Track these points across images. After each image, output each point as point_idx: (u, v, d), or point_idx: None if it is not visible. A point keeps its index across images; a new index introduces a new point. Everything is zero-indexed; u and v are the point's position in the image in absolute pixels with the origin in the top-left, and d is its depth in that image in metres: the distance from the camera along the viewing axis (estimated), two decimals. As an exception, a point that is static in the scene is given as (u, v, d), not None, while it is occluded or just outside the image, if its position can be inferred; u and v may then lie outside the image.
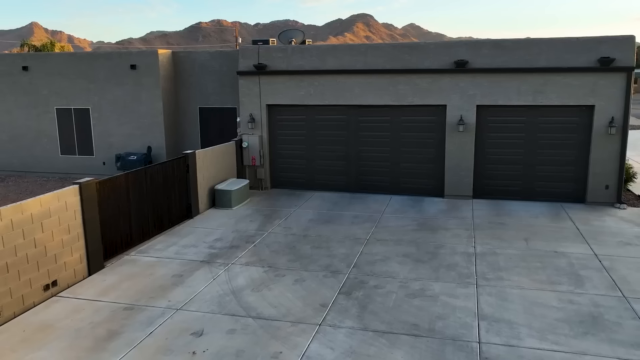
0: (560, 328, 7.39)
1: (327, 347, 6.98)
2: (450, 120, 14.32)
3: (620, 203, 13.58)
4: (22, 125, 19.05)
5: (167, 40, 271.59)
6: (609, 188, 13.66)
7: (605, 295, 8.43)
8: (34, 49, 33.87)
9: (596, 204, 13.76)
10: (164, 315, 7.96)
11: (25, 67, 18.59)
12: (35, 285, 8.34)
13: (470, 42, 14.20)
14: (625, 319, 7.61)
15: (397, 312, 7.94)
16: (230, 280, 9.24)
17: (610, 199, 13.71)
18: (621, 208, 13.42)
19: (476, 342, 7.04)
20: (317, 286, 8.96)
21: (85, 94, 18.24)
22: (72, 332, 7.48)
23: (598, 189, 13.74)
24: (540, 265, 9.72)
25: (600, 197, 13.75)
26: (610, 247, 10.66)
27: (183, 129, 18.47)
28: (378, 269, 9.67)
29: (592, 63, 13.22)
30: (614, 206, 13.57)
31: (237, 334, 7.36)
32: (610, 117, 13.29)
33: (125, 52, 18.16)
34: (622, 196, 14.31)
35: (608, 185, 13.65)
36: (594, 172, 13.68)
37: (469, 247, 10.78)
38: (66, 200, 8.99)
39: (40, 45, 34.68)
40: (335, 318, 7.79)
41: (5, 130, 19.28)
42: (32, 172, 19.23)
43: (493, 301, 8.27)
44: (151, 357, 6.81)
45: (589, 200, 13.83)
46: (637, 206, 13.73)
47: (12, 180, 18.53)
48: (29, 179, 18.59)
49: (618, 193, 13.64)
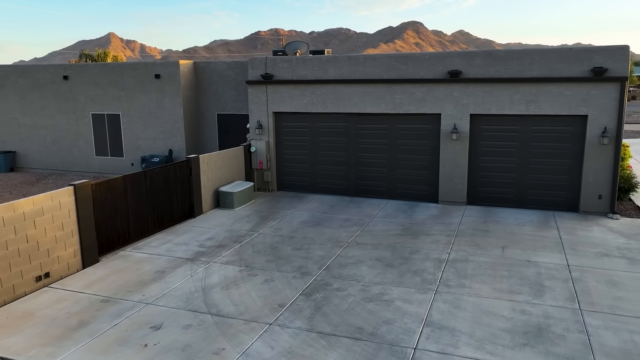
0: (502, 338, 7.10)
1: (268, 346, 7.00)
2: (444, 128, 13.99)
3: (614, 213, 12.86)
4: (63, 128, 20.03)
5: (229, 48, 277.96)
6: (602, 198, 12.96)
7: (561, 307, 8.03)
8: (90, 59, 35.50)
9: (589, 213, 13.08)
10: (133, 308, 8.20)
11: (65, 76, 19.53)
12: (26, 276, 8.78)
13: (464, 52, 13.81)
14: (571, 332, 7.22)
15: (348, 315, 7.85)
16: (205, 278, 9.41)
17: (604, 208, 13.00)
18: (614, 218, 12.70)
19: (412, 349, 6.87)
20: (283, 287, 8.98)
21: (116, 101, 18.98)
22: (48, 320, 7.83)
23: (591, 199, 13.06)
24: (507, 274, 9.35)
25: (593, 207, 13.07)
26: (586, 258, 10.12)
27: (203, 133, 18.88)
28: (347, 272, 9.59)
29: (585, 73, 12.58)
30: (607, 216, 12.87)
31: (191, 330, 7.49)
32: (603, 127, 12.60)
33: (151, 63, 18.75)
34: (620, 206, 13.60)
35: (601, 195, 12.96)
36: (587, 182, 13.02)
37: (444, 253, 10.50)
38: (60, 200, 9.41)
39: (95, 55, 36.27)
40: (287, 318, 7.79)
41: (49, 132, 20.32)
42: (71, 171, 20.18)
43: (445, 308, 8.04)
44: (107, 347, 7.04)
45: (582, 210, 13.17)
46: (633, 217, 12.95)
47: (52, 178, 19.51)
48: (68, 177, 19.49)
49: (611, 203, 12.91)
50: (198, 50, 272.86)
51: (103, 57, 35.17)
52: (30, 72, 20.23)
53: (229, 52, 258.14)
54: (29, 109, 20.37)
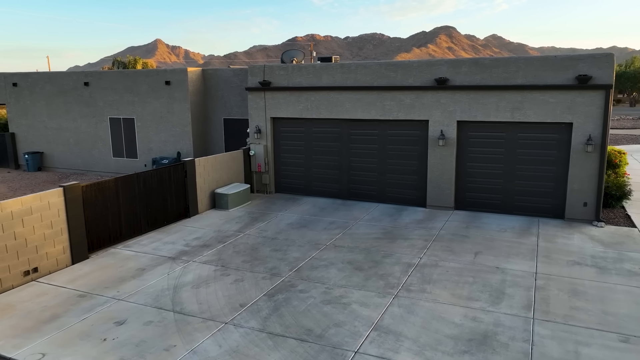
0: (444, 345, 6.94)
1: (217, 345, 7.05)
2: (432, 134, 13.76)
3: (598, 221, 12.37)
4: (84, 131, 20.68)
5: (267, 53, 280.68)
6: (587, 205, 12.48)
7: (514, 315, 7.79)
8: (122, 65, 36.48)
9: (574, 220, 12.63)
10: (105, 304, 8.41)
11: (86, 82, 20.16)
12: (14, 271, 9.12)
13: (451, 60, 13.53)
14: (516, 341, 7.00)
15: (302, 317, 7.83)
16: (180, 276, 9.55)
17: (589, 216, 12.52)
18: (598, 226, 12.22)
19: (353, 352, 6.80)
20: (250, 287, 9.03)
21: (131, 106, 19.46)
22: (25, 313, 8.11)
23: (576, 206, 12.60)
24: (472, 280, 9.13)
25: (578, 214, 12.60)
26: (557, 266, 9.78)
27: (211, 136, 19.15)
28: (315, 274, 9.56)
29: (570, 81, 12.15)
30: (592, 224, 12.39)
31: (151, 326, 7.62)
32: (588, 135, 12.14)
33: (162, 70, 19.14)
34: (610, 214, 13.10)
35: (586, 203, 12.48)
36: (572, 189, 12.56)
37: (416, 258, 10.34)
38: (49, 200, 9.73)
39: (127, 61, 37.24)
40: (244, 318, 7.83)
41: (72, 135, 21.02)
42: (91, 171, 20.81)
43: (399, 313, 7.92)
44: (69, 340, 7.25)
45: (568, 217, 12.72)
46: (620, 225, 12.42)
47: (74, 178, 20.15)
48: (88, 177, 20.12)
49: (597, 211, 12.42)
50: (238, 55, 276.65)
51: (133, 64, 36.13)
52: (56, 79, 20.98)
53: (267, 56, 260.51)
54: (54, 112, 21.12)
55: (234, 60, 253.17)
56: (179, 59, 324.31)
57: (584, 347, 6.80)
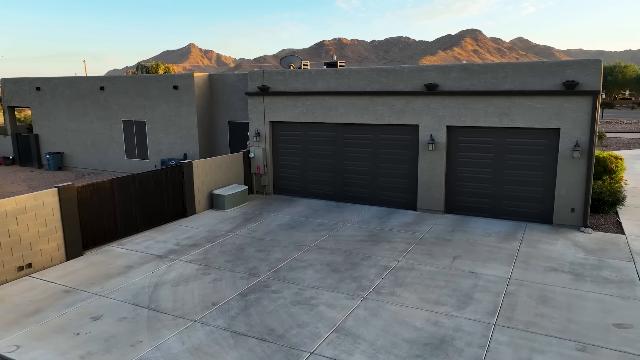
0: (399, 348, 6.87)
1: (180, 342, 7.14)
2: (422, 139, 13.60)
3: (586, 227, 12.01)
4: (100, 133, 21.19)
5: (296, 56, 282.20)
6: (575, 211, 12.13)
7: (477, 320, 7.64)
8: (146, 70, 37.23)
9: (562, 226, 12.30)
10: (87, 299, 8.60)
11: (102, 87, 20.65)
12: (8, 266, 9.42)
13: (441, 66, 13.33)
14: (471, 347, 6.87)
15: (269, 317, 7.86)
16: (163, 275, 9.70)
17: (577, 222, 12.17)
18: (585, 232, 11.87)
19: (308, 353, 6.80)
20: (226, 286, 9.11)
21: (142, 109, 19.85)
22: (11, 306, 8.37)
23: (564, 212, 12.26)
24: (444, 284, 9.00)
25: (566, 220, 12.27)
26: (532, 272, 9.54)
27: (217, 139, 19.37)
28: (292, 275, 9.57)
29: (557, 87, 11.84)
30: (579, 229, 12.04)
31: (123, 322, 7.77)
32: (575, 141, 11.80)
33: (170, 75, 19.45)
34: (602, 219, 12.72)
35: (574, 209, 12.14)
36: (560, 195, 12.23)
37: (394, 261, 10.24)
38: (43, 199, 10.02)
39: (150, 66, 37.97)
40: (213, 317, 7.91)
41: (89, 136, 21.57)
42: (106, 171, 21.31)
43: (363, 315, 7.86)
44: (44, 333, 7.45)
45: (556, 222, 12.40)
46: (608, 231, 12.03)
47: (89, 177, 20.67)
48: (102, 176, 20.60)
49: (584, 216, 12.07)
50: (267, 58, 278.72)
51: (155, 69, 36.85)
52: (75, 83, 21.56)
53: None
54: (73, 115, 21.71)
55: (263, 63, 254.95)
56: (211, 62, 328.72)
57: (539, 355, 6.62)
